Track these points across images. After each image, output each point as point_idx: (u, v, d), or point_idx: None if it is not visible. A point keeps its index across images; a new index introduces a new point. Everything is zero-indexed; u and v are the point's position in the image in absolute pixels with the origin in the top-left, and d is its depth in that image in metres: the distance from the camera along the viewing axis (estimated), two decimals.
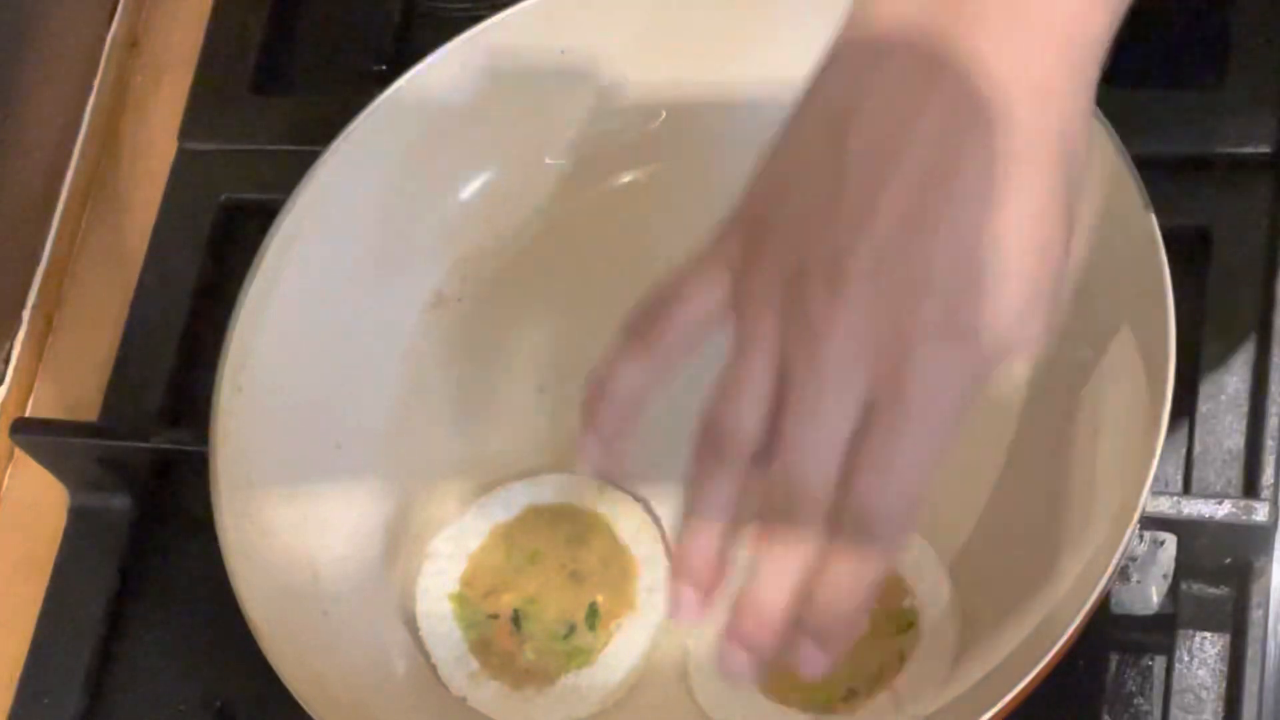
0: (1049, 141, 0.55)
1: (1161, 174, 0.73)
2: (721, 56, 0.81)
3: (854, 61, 0.58)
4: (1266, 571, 0.70)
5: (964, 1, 0.56)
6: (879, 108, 0.56)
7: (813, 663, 0.58)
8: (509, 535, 0.76)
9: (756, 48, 0.80)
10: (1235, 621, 0.70)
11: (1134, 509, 0.64)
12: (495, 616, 0.75)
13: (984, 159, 0.55)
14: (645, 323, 0.60)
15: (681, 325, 0.60)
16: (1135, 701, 0.72)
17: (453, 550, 0.76)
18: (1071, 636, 0.64)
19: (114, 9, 0.97)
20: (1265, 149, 0.77)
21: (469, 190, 0.83)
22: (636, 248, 0.82)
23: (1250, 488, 0.72)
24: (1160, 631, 0.71)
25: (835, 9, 0.78)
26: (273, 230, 0.78)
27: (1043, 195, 0.55)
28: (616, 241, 0.82)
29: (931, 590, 0.71)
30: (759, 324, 0.57)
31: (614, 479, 0.77)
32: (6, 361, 0.90)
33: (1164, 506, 0.69)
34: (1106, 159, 0.71)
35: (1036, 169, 0.55)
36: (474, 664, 0.74)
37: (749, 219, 0.59)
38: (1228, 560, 0.70)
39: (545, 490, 0.77)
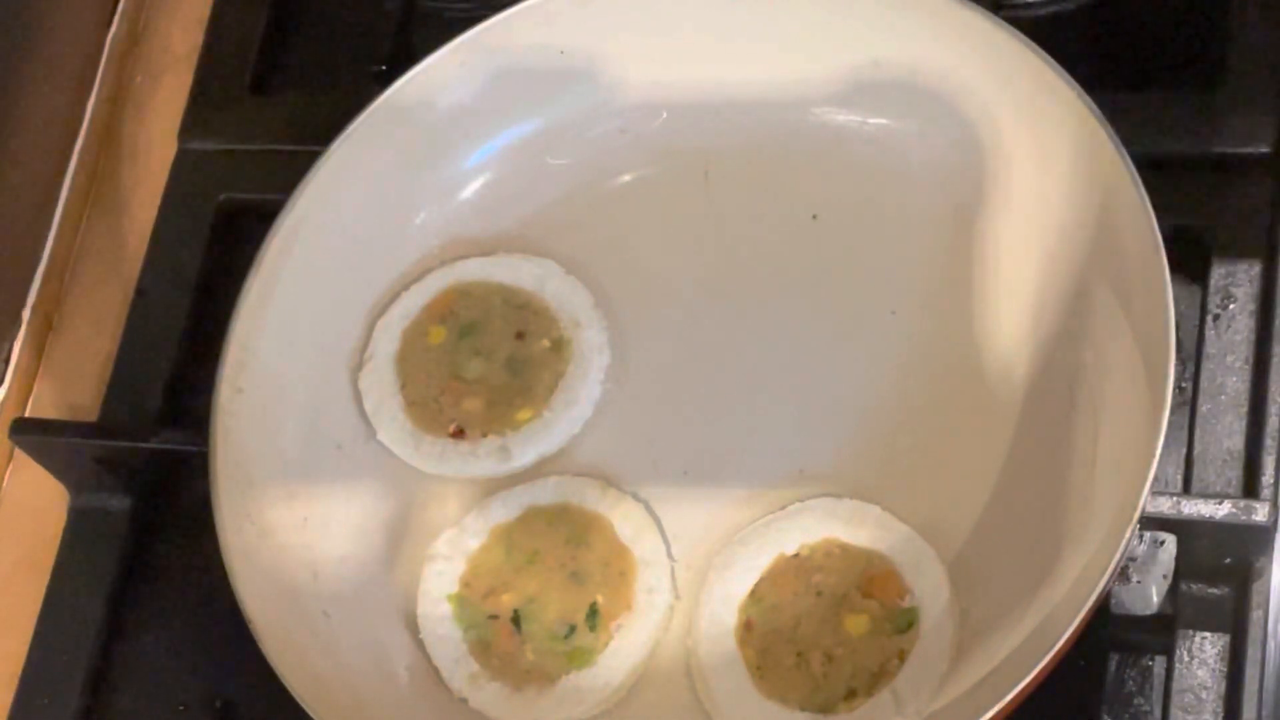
0: None
1: (1161, 174, 0.73)
2: (721, 56, 0.80)
3: None
4: (1266, 571, 0.70)
5: None
6: None
7: None
8: (509, 536, 0.76)
9: (756, 47, 0.80)
10: (1235, 621, 0.70)
11: (1134, 509, 0.64)
12: (495, 617, 0.75)
13: None
14: None
15: None
16: (1135, 701, 0.72)
17: (453, 551, 0.76)
18: (1071, 636, 0.64)
19: (114, 9, 0.97)
20: (1265, 149, 0.77)
21: (469, 190, 0.83)
22: (636, 248, 0.82)
23: (1250, 488, 0.71)
24: (1160, 631, 0.71)
25: (835, 9, 0.79)
26: (273, 230, 0.78)
27: None
28: (616, 241, 0.82)
29: (931, 590, 0.71)
30: None
31: None
32: (6, 361, 0.90)
33: (1164, 506, 0.69)
34: (1106, 159, 0.71)
35: None
36: (474, 665, 0.74)
37: None
38: (1228, 560, 0.70)
39: (545, 491, 0.77)
